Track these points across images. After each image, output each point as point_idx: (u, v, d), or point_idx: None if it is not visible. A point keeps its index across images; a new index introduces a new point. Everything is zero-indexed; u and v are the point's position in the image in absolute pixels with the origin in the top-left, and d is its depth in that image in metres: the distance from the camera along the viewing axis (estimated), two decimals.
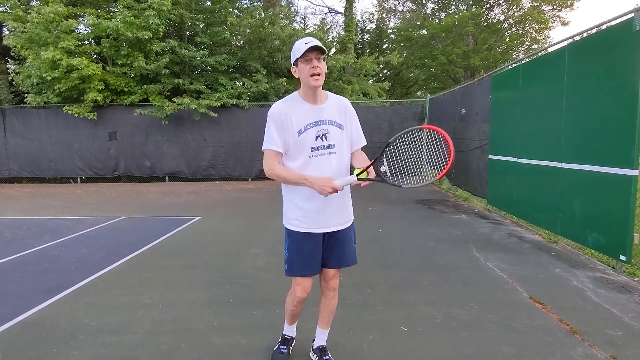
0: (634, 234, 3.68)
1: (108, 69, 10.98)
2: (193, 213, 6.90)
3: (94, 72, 10.17)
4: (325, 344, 2.35)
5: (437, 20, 20.85)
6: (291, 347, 2.42)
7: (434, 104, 11.05)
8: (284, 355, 2.35)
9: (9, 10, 11.04)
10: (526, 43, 20.92)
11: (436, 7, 22.97)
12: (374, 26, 24.20)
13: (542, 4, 19.16)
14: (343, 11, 17.13)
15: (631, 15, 3.66)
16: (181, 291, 3.47)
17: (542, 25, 20.02)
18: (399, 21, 24.52)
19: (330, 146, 2.05)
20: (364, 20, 24.09)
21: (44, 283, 3.66)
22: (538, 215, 5.27)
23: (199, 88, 11.10)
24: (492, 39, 20.30)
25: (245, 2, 14.81)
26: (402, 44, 22.47)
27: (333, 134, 2.06)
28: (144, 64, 10.41)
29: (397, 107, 12.52)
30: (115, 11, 10.76)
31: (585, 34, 4.52)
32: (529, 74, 5.58)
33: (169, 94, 11.32)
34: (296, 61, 1.98)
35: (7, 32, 11.51)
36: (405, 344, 2.56)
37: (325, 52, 1.97)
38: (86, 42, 11.15)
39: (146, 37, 10.02)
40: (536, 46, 20.39)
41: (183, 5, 11.30)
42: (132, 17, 9.96)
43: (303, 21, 23.44)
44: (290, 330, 2.43)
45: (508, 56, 20.19)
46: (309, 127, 2.03)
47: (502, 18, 20.40)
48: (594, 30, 4.34)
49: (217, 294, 3.40)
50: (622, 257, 3.72)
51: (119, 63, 10.72)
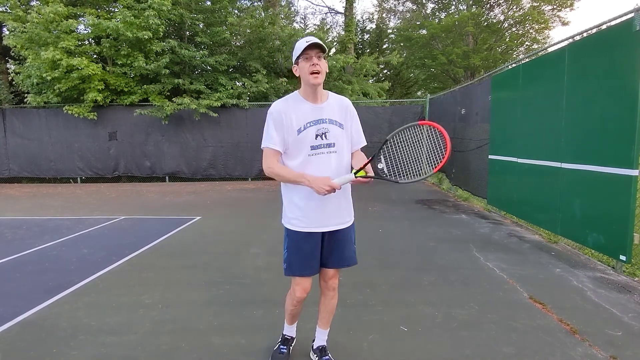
0: (634, 234, 3.68)
1: (108, 69, 10.98)
2: (193, 213, 6.90)
3: (94, 72, 10.17)
4: (325, 344, 2.35)
5: (437, 20, 20.86)
6: (291, 347, 2.42)
7: (434, 104, 11.06)
8: (284, 355, 2.35)
9: (9, 10, 11.03)
10: (526, 43, 20.93)
11: (436, 7, 22.99)
12: (374, 26, 24.22)
13: (542, 4, 19.17)
14: (343, 11, 17.13)
15: (631, 15, 3.66)
16: (181, 291, 3.47)
17: (542, 25, 20.03)
18: (399, 21, 24.56)
19: (330, 145, 2.05)
20: (364, 20, 24.12)
21: (44, 283, 3.66)
22: (538, 215, 5.27)
23: (199, 88, 11.10)
24: (492, 39, 20.30)
25: (245, 2, 14.82)
26: (402, 44, 22.48)
27: (333, 133, 2.06)
28: (144, 64, 10.40)
29: (397, 107, 12.53)
30: (115, 11, 10.76)
31: (585, 34, 4.52)
32: (529, 74, 5.58)
33: (169, 94, 11.32)
34: (297, 59, 1.99)
35: (7, 32, 11.51)
36: (405, 344, 2.56)
37: (325, 51, 1.97)
38: (86, 42, 11.15)
39: (146, 37, 10.02)
40: (536, 46, 20.39)
41: (183, 5, 11.29)
42: (132, 17, 9.95)
43: (303, 21, 23.47)
44: (290, 330, 2.43)
45: (508, 56, 20.19)
46: (308, 125, 2.03)
47: (502, 18, 20.41)
48: (594, 30, 4.33)
49: (217, 294, 3.40)
50: (622, 257, 3.72)
51: (119, 63, 10.72)
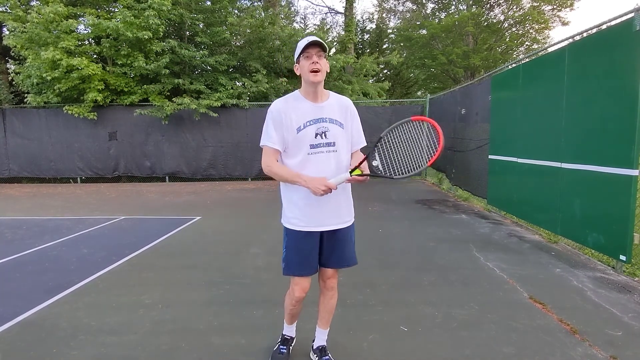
0: (634, 234, 3.68)
1: (108, 69, 10.98)
2: (193, 213, 6.90)
3: (94, 72, 10.17)
4: (325, 344, 2.34)
5: (437, 20, 20.87)
6: (291, 347, 2.42)
7: (434, 104, 11.06)
8: (283, 355, 2.35)
9: (9, 10, 11.03)
10: (526, 43, 20.94)
11: (436, 7, 23.00)
12: (374, 26, 24.24)
13: (542, 4, 19.17)
14: (343, 11, 17.13)
15: (631, 15, 3.66)
16: (181, 291, 3.47)
17: (542, 25, 20.03)
18: (399, 21, 24.57)
19: (329, 144, 2.05)
20: (364, 20, 24.14)
21: (44, 283, 3.66)
22: (538, 215, 5.27)
23: (199, 88, 11.09)
24: (492, 39, 20.31)
25: (245, 2, 14.82)
26: (402, 44, 22.49)
27: (333, 132, 2.06)
28: (144, 64, 10.40)
29: (397, 107, 12.53)
30: (115, 11, 10.76)
31: (585, 34, 4.52)
32: (529, 74, 5.58)
33: (169, 94, 11.32)
34: (298, 58, 2.00)
35: (7, 32, 11.50)
36: (405, 344, 2.56)
37: (326, 50, 1.98)
38: (86, 42, 11.15)
39: (146, 37, 10.02)
40: (536, 46, 20.39)
41: (183, 5, 11.29)
42: (132, 17, 9.95)
43: (303, 21, 23.49)
44: (289, 330, 2.42)
45: (508, 56, 20.19)
46: (308, 124, 2.03)
47: (502, 18, 20.42)
48: (594, 30, 4.33)
49: (217, 294, 3.40)
50: (622, 257, 3.72)
51: (119, 63, 10.72)
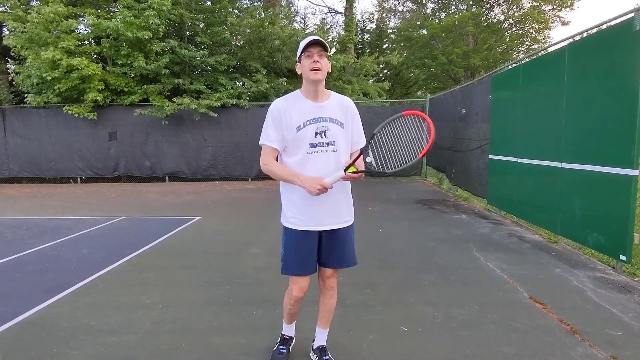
0: (634, 233, 3.68)
1: (108, 69, 10.98)
2: (193, 213, 6.90)
3: (94, 72, 10.17)
4: (325, 344, 2.34)
5: (437, 20, 20.86)
6: (290, 347, 2.42)
7: (434, 104, 11.06)
8: (283, 355, 2.34)
9: (9, 10, 11.03)
10: (526, 43, 20.93)
11: (436, 7, 22.99)
12: (374, 26, 24.23)
13: (542, 3, 19.17)
14: (343, 11, 17.12)
15: (631, 15, 3.66)
16: (181, 291, 3.47)
17: (542, 25, 20.03)
18: (399, 21, 24.57)
19: (329, 143, 2.05)
20: (364, 20, 24.14)
21: (44, 283, 3.66)
22: (538, 215, 5.27)
23: (199, 88, 11.09)
24: (492, 39, 20.30)
25: (245, 2, 14.82)
26: (402, 44, 22.49)
27: (333, 132, 2.06)
28: (144, 64, 10.40)
29: (397, 107, 12.53)
30: (115, 11, 10.76)
31: (585, 34, 4.51)
32: (529, 74, 5.58)
33: (169, 94, 11.32)
34: (300, 57, 2.01)
35: (7, 32, 11.50)
36: (405, 344, 2.56)
37: (327, 50, 1.98)
38: (86, 42, 11.15)
39: (146, 37, 10.02)
40: (536, 46, 20.39)
41: (183, 5, 11.29)
42: (132, 17, 9.95)
43: (303, 21, 23.49)
44: (289, 330, 2.42)
45: (508, 56, 20.19)
46: (308, 123, 2.03)
47: (502, 18, 20.42)
48: (594, 30, 4.33)
49: (217, 294, 3.40)
50: (622, 257, 3.72)
51: (119, 63, 10.71)
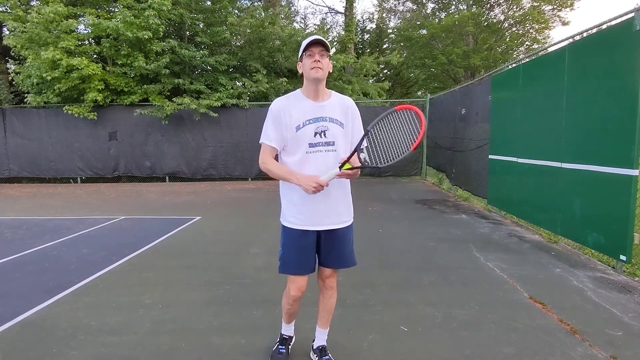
0: (634, 233, 3.68)
1: (108, 69, 10.98)
2: (193, 213, 6.90)
3: (94, 72, 10.16)
4: (325, 343, 2.34)
5: (437, 20, 20.86)
6: (290, 347, 2.42)
7: (434, 104, 11.05)
8: (283, 355, 2.35)
9: (9, 10, 11.02)
10: (526, 43, 20.93)
11: (436, 7, 22.99)
12: (374, 26, 24.23)
13: (542, 3, 19.16)
14: (343, 11, 17.12)
15: (631, 15, 3.66)
16: (181, 291, 3.47)
17: (542, 25, 20.02)
18: (399, 21, 24.56)
19: (328, 143, 2.05)
20: (364, 20, 24.14)
21: (44, 283, 3.66)
22: (538, 215, 5.27)
23: (199, 88, 11.09)
24: (492, 39, 20.30)
25: (245, 2, 14.82)
26: (402, 43, 22.48)
27: (333, 132, 2.06)
28: (144, 64, 10.39)
29: None
30: (115, 11, 10.75)
31: (585, 34, 4.51)
32: (529, 74, 5.58)
33: (169, 94, 11.31)
34: (301, 56, 2.02)
35: (7, 32, 11.50)
36: (405, 344, 2.56)
37: (329, 50, 1.99)
38: (86, 42, 11.14)
39: (146, 37, 10.02)
40: (536, 46, 20.39)
41: (183, 5, 11.29)
42: (132, 17, 9.94)
43: (303, 21, 23.49)
44: (288, 330, 2.42)
45: (508, 56, 20.19)
46: (307, 123, 2.04)
47: (502, 18, 20.41)
48: (594, 30, 4.33)
49: (217, 294, 3.40)
50: (622, 257, 3.72)
51: (119, 63, 10.71)
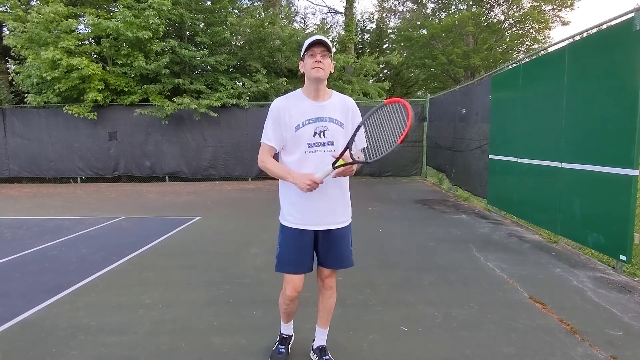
0: (634, 233, 3.68)
1: (108, 68, 10.98)
2: (193, 213, 6.90)
3: (94, 72, 10.16)
4: (325, 343, 2.35)
5: (437, 20, 20.87)
6: (290, 346, 2.42)
7: (434, 103, 11.05)
8: (282, 354, 2.35)
9: (9, 10, 11.02)
10: (526, 43, 20.94)
11: (436, 7, 23.00)
12: (374, 26, 24.24)
13: (542, 3, 19.18)
14: (343, 11, 17.11)
15: (631, 15, 3.66)
16: (181, 291, 3.47)
17: (542, 25, 20.04)
18: (399, 21, 24.57)
19: (328, 143, 2.05)
20: (364, 20, 24.16)
21: (44, 283, 3.66)
22: (538, 215, 5.27)
23: (199, 88, 11.09)
24: (492, 39, 20.31)
25: (245, 2, 14.83)
26: (402, 43, 22.49)
27: (332, 132, 2.06)
28: (144, 64, 10.39)
29: None
30: (115, 11, 10.75)
31: (585, 34, 4.51)
32: (529, 74, 5.57)
33: (169, 93, 11.31)
34: (303, 56, 2.02)
35: (7, 32, 11.50)
36: (405, 344, 2.56)
37: (330, 50, 1.99)
38: (86, 42, 11.14)
39: (146, 37, 10.01)
40: (536, 46, 20.39)
41: (183, 5, 11.29)
42: (132, 17, 9.94)
43: (303, 21, 23.50)
44: (286, 329, 2.42)
45: (508, 56, 20.20)
46: (307, 122, 2.04)
47: (502, 18, 20.42)
48: (594, 30, 4.33)
49: (217, 294, 3.40)
50: (622, 257, 3.72)
51: (119, 63, 10.71)
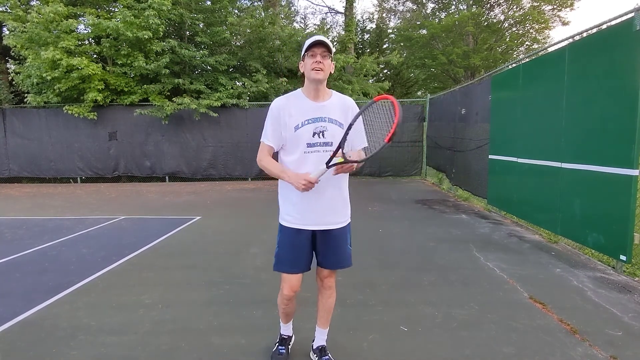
0: (634, 233, 3.68)
1: (108, 68, 10.98)
2: (193, 213, 6.90)
3: (94, 72, 10.16)
4: (324, 343, 2.35)
5: (437, 20, 20.87)
6: (289, 346, 2.42)
7: (434, 103, 11.05)
8: (283, 355, 2.34)
9: (9, 10, 11.02)
10: (526, 43, 20.94)
11: (436, 7, 23.00)
12: (374, 26, 24.24)
13: (542, 3, 19.17)
14: (343, 11, 17.11)
15: (631, 15, 3.66)
16: (181, 291, 3.47)
17: (542, 25, 20.03)
18: (399, 21, 24.57)
19: (327, 144, 2.05)
20: (364, 20, 24.15)
21: (44, 283, 3.66)
22: (538, 215, 5.27)
23: (199, 88, 11.09)
24: (492, 39, 20.30)
25: (245, 2, 14.82)
26: (402, 43, 22.48)
27: (332, 132, 2.06)
28: (144, 64, 10.39)
29: None
30: (115, 11, 10.75)
31: (585, 34, 4.51)
32: (529, 74, 5.57)
33: (169, 93, 11.31)
34: (303, 56, 2.02)
35: (7, 32, 11.50)
36: (405, 344, 2.56)
37: (331, 51, 1.99)
38: (86, 42, 11.14)
39: (146, 37, 10.02)
40: (536, 46, 20.39)
41: (183, 5, 11.29)
42: (132, 17, 9.95)
43: (303, 21, 23.49)
44: (286, 329, 2.42)
45: (508, 56, 20.19)
46: (306, 122, 2.04)
47: (502, 18, 20.42)
48: (594, 30, 4.33)
49: (217, 294, 3.40)
50: (622, 257, 3.72)
51: (119, 63, 10.71)
